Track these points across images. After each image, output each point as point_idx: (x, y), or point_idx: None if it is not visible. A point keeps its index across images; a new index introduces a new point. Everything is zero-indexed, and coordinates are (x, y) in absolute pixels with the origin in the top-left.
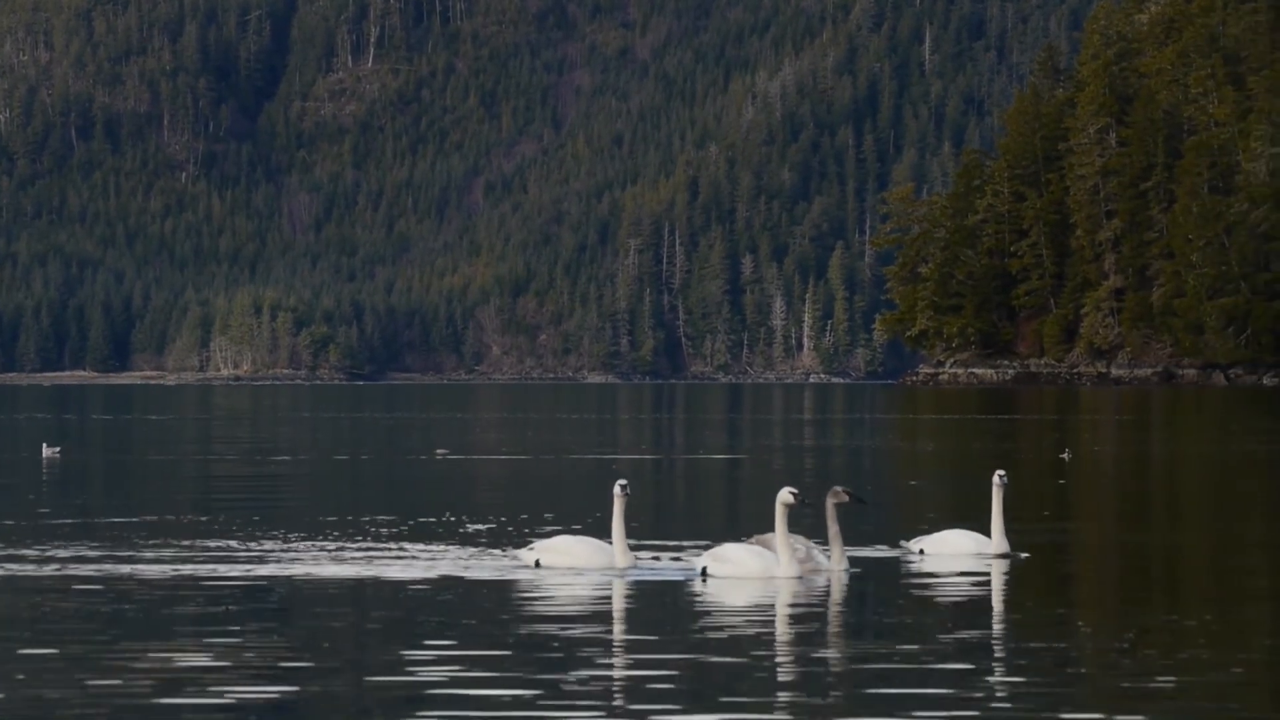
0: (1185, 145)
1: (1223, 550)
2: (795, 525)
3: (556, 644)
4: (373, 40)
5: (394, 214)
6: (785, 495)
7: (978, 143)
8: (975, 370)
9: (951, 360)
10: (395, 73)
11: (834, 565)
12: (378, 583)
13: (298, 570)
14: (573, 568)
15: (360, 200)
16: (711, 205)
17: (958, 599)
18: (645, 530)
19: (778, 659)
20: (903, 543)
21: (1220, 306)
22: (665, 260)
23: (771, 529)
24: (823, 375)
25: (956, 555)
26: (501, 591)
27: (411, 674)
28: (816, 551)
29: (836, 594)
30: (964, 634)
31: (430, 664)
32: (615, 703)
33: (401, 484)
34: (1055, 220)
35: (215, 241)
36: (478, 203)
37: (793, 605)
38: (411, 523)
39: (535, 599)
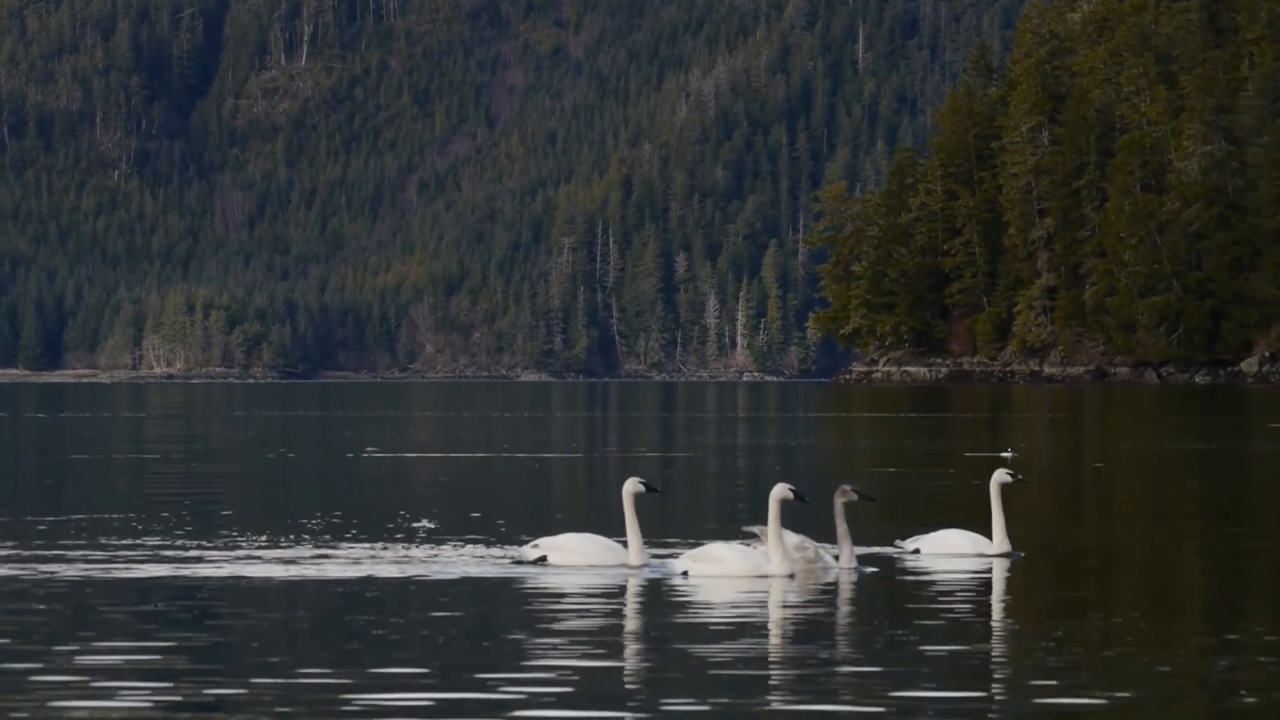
0: (1117, 144)
1: (1158, 550)
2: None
3: (541, 644)
4: (306, 38)
5: (327, 212)
6: (781, 491)
7: (911, 141)
8: (908, 368)
9: (885, 358)
10: (328, 71)
11: (842, 564)
12: (308, 582)
13: (225, 570)
14: (578, 565)
15: (293, 198)
16: (645, 203)
17: (936, 602)
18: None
19: (729, 660)
20: (897, 542)
21: (1152, 305)
22: (599, 258)
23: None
24: (756, 373)
25: (953, 555)
26: (507, 590)
27: (344, 675)
28: (823, 551)
29: (830, 593)
30: (902, 636)
31: (387, 665)
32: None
33: (331, 482)
34: (988, 218)
35: (148, 239)
36: (411, 201)
37: (768, 606)
38: (340, 521)
39: (542, 597)
